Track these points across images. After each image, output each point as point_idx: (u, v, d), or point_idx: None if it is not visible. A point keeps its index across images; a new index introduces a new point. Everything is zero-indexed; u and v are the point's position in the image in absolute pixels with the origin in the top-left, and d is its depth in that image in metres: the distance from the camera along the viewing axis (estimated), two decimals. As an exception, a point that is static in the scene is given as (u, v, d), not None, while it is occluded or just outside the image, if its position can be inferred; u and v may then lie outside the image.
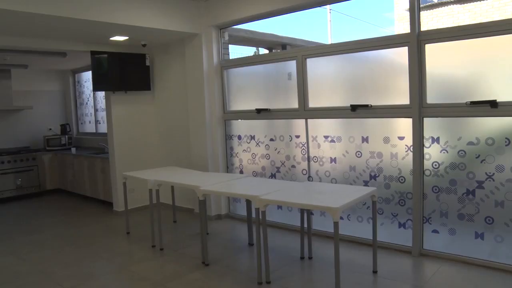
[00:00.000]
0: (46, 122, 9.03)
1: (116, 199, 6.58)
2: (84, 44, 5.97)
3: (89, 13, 4.63)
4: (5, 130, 8.43)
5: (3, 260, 4.73)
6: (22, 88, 8.62)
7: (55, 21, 4.63)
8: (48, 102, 9.12)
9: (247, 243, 4.83)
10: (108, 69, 6.20)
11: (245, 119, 5.71)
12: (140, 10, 5.07)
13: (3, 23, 4.61)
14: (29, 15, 4.30)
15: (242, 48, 6.47)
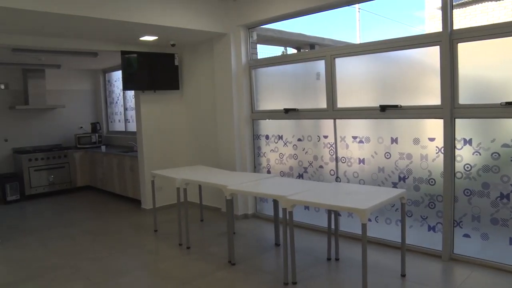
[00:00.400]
0: (78, 121, 9.23)
1: (144, 197, 6.67)
2: (114, 44, 6.07)
3: (119, 14, 4.70)
4: (39, 128, 8.66)
5: (35, 254, 4.86)
6: (55, 87, 8.84)
7: (87, 22, 4.72)
8: (80, 101, 9.32)
9: (273, 243, 4.82)
10: (137, 69, 6.29)
11: (273, 119, 5.69)
12: (169, 10, 5.12)
13: (39, 24, 4.74)
14: (63, 17, 4.40)
15: (269, 48, 6.44)
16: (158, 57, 6.47)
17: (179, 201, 4.88)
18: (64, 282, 4.00)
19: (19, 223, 6.29)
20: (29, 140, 8.53)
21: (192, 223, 5.52)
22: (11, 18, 4.43)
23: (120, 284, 3.94)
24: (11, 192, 7.66)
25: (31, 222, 6.34)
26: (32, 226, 6.10)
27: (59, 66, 8.29)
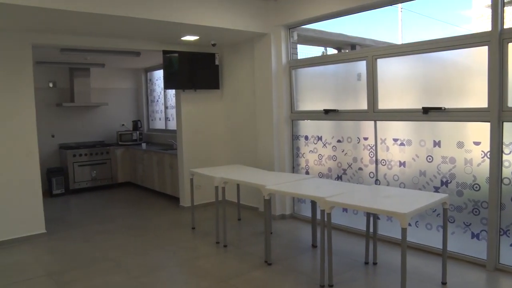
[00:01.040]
0: (120, 118, 9.47)
1: (182, 195, 6.76)
2: (156, 44, 6.18)
3: (162, 14, 4.79)
4: (83, 124, 8.94)
5: (78, 246, 5.03)
6: (99, 85, 9.10)
7: (131, 22, 4.84)
8: (122, 99, 9.56)
9: (310, 245, 4.79)
10: (178, 68, 6.38)
11: (312, 119, 5.66)
12: (211, 10, 5.17)
13: (85, 25, 4.89)
14: (108, 17, 4.53)
15: (308, 48, 6.40)
16: (199, 56, 6.55)
17: (217, 199, 4.92)
18: (105, 274, 4.12)
19: (63, 216, 6.52)
20: (74, 136, 8.82)
21: (229, 221, 5.56)
22: (60, 20, 4.60)
23: (157, 279, 4.01)
24: (57, 186, 7.94)
25: (75, 216, 6.56)
26: (76, 219, 6.31)
27: (103, 65, 8.53)
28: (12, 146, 5.15)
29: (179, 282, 3.99)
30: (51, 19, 4.56)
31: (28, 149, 5.16)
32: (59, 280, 4.02)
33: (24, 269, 4.36)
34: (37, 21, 4.64)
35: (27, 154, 5.16)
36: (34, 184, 5.32)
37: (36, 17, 4.41)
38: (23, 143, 5.22)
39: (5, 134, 5.09)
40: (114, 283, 3.91)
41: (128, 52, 6.79)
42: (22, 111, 5.19)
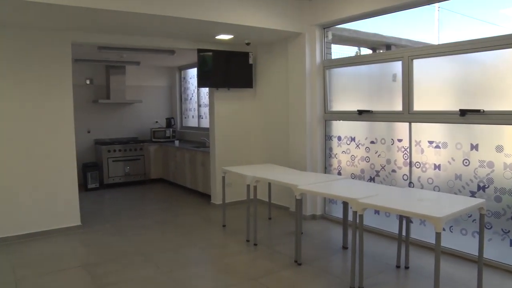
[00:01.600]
0: (153, 115, 9.63)
1: (214, 192, 6.81)
2: (191, 42, 6.25)
3: (197, 13, 4.83)
4: (118, 121, 9.14)
5: (112, 240, 5.14)
6: (134, 83, 9.28)
7: (166, 21, 4.90)
8: (156, 97, 9.71)
9: (341, 246, 4.75)
10: (212, 66, 6.43)
11: (345, 120, 5.61)
12: (246, 9, 5.19)
13: (122, 24, 4.99)
14: (144, 16, 4.61)
15: (341, 48, 6.33)
16: (233, 55, 6.59)
17: (249, 198, 4.94)
18: (136, 267, 4.20)
19: (97, 210, 6.68)
20: (109, 132, 9.03)
21: (260, 220, 5.57)
22: (98, 19, 4.72)
23: (187, 274, 4.06)
24: (92, 181, 8.14)
25: (108, 210, 6.70)
26: (109, 213, 6.46)
27: (139, 63, 8.69)
28: (52, 141, 5.31)
29: (209, 279, 4.03)
30: (90, 18, 4.68)
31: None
32: (93, 271, 4.13)
33: (61, 259, 4.50)
34: (76, 20, 4.77)
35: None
36: (71, 178, 5.48)
37: (76, 16, 4.53)
38: (62, 138, 5.37)
39: (46, 129, 5.26)
40: (145, 277, 3.98)
41: (163, 50, 6.89)
42: (61, 107, 5.35)
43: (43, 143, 5.26)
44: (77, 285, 3.87)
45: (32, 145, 5.19)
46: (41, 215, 5.26)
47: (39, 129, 5.23)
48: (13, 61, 5.04)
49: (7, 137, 5.04)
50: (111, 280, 3.91)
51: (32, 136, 5.19)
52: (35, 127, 5.20)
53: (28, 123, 5.16)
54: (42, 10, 4.22)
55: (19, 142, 5.12)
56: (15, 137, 5.09)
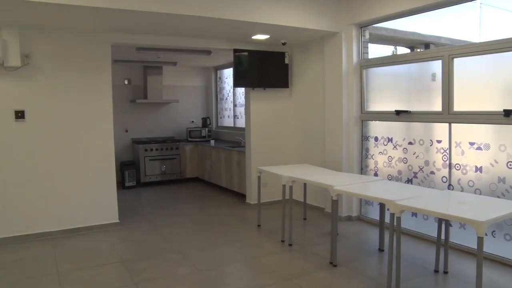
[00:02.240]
0: (189, 115, 9.75)
1: (249, 192, 6.84)
2: (227, 43, 6.29)
3: (234, 13, 4.87)
4: (155, 121, 9.31)
5: (148, 237, 5.24)
6: (171, 83, 9.42)
7: (203, 22, 4.96)
8: (192, 97, 9.83)
9: (377, 248, 4.68)
10: (248, 67, 6.46)
11: (383, 120, 5.52)
12: (282, 9, 5.18)
13: (160, 25, 5.07)
14: (181, 17, 4.68)
15: (376, 47, 6.22)
16: (268, 55, 6.59)
17: (284, 198, 4.94)
18: (173, 265, 4.26)
19: (135, 207, 6.81)
20: (146, 131, 9.20)
21: (295, 221, 5.55)
22: (137, 21, 4.82)
23: (223, 273, 4.09)
24: (129, 179, 8.32)
25: (145, 207, 6.83)
26: (146, 211, 6.58)
27: (175, 63, 8.82)
28: (92, 140, 5.46)
29: (244, 278, 4.04)
30: (129, 20, 4.79)
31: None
32: (131, 267, 4.22)
33: (100, 254, 4.63)
34: (116, 22, 4.90)
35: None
36: (110, 176, 5.62)
37: (115, 18, 4.65)
38: (102, 137, 5.52)
39: (87, 129, 5.42)
40: (182, 274, 4.03)
41: (199, 51, 6.97)
42: (101, 107, 5.49)
43: (84, 142, 5.42)
44: (116, 280, 3.96)
45: (73, 144, 5.36)
46: (81, 212, 5.43)
47: (81, 128, 5.39)
48: (57, 62, 5.22)
49: (50, 136, 5.23)
50: (148, 276, 3.98)
51: (73, 135, 5.35)
52: (76, 126, 5.37)
53: (70, 122, 5.33)
54: (84, 13, 4.35)
55: (61, 141, 5.29)
56: (58, 136, 5.27)
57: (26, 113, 5.09)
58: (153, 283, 3.85)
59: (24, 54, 5.00)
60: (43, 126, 5.19)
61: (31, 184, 5.16)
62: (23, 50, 4.98)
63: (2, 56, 4.72)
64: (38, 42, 5.10)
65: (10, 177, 5.06)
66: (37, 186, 5.19)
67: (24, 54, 5.00)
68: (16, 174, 5.08)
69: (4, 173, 5.03)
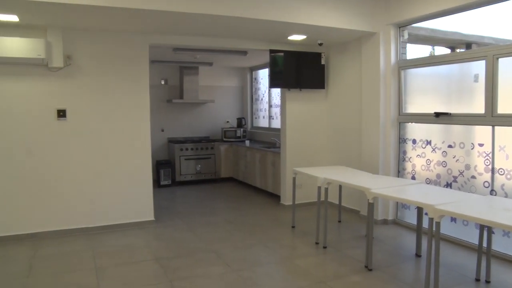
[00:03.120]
0: (225, 115, 9.81)
1: (284, 193, 6.81)
2: (263, 43, 6.29)
3: (271, 14, 4.86)
4: (190, 120, 9.41)
5: (183, 235, 5.30)
6: (207, 83, 9.51)
7: (240, 23, 4.98)
8: (227, 97, 9.88)
9: (414, 253, 4.57)
10: (284, 67, 6.43)
11: (421, 122, 5.38)
12: (319, 9, 5.14)
13: (197, 26, 5.12)
14: (218, 18, 4.72)
15: (413, 47, 6.06)
16: (305, 56, 6.55)
17: (319, 200, 4.89)
18: (207, 264, 4.29)
19: (169, 206, 6.90)
20: (182, 131, 9.32)
21: (329, 223, 5.48)
22: (175, 21, 4.89)
23: (257, 274, 4.08)
24: (164, 178, 8.44)
25: (180, 206, 6.91)
26: (180, 209, 6.66)
27: (211, 63, 8.88)
28: (130, 139, 5.57)
29: (278, 279, 4.02)
30: (167, 21, 4.87)
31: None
32: (166, 265, 4.27)
33: (136, 251, 4.71)
34: (154, 23, 4.98)
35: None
36: (146, 175, 5.71)
37: (154, 19, 4.73)
38: (139, 137, 5.62)
39: (124, 127, 5.53)
40: (216, 274, 4.05)
41: (235, 51, 6.99)
42: (139, 107, 5.59)
43: (122, 141, 5.53)
44: (151, 277, 4.01)
45: (112, 143, 5.48)
46: (119, 209, 5.55)
47: (119, 127, 5.51)
48: (97, 62, 5.36)
49: (89, 135, 5.36)
50: (182, 275, 4.02)
51: (112, 134, 5.48)
52: (115, 125, 5.49)
53: (109, 121, 5.46)
54: (124, 14, 4.44)
55: (100, 140, 5.43)
56: (97, 135, 5.40)
57: (67, 112, 5.25)
58: (187, 281, 3.88)
59: (67, 55, 5.16)
60: (83, 125, 5.33)
61: (71, 181, 5.32)
62: (66, 51, 5.15)
63: (47, 57, 4.88)
64: (79, 43, 5.25)
65: (52, 174, 5.23)
66: (76, 183, 5.34)
67: (67, 55, 5.16)
68: (57, 171, 5.25)
69: (47, 170, 5.20)
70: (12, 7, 4.11)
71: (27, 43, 4.75)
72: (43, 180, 5.20)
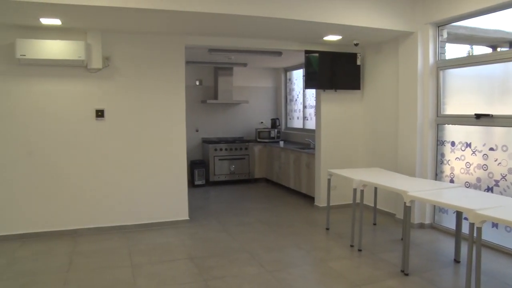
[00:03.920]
0: (259, 116, 9.82)
1: (318, 194, 6.77)
2: (298, 44, 6.26)
3: (307, 14, 4.83)
4: (225, 121, 9.47)
5: (218, 235, 5.34)
6: (241, 84, 9.54)
7: (275, 23, 4.97)
8: (262, 98, 9.89)
9: (452, 259, 4.44)
10: (319, 68, 6.39)
11: (461, 124, 5.23)
12: (355, 9, 5.08)
13: (232, 26, 5.15)
14: (253, 19, 4.73)
15: (450, 47, 5.88)
16: (340, 56, 6.48)
17: (355, 202, 4.82)
18: (241, 264, 4.30)
19: (203, 205, 6.97)
20: (216, 131, 9.39)
21: (364, 225, 5.40)
22: (210, 23, 4.93)
23: (291, 275, 4.06)
24: (198, 177, 8.53)
25: (214, 206, 6.97)
26: (214, 209, 6.71)
27: (246, 64, 8.91)
28: (166, 140, 5.65)
29: (312, 281, 3.99)
30: (204, 23, 4.91)
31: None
32: (200, 264, 4.31)
33: (171, 250, 4.78)
34: (191, 25, 5.03)
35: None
36: (181, 175, 5.79)
37: (190, 20, 4.79)
38: (175, 137, 5.70)
39: (160, 128, 5.62)
40: (250, 274, 4.06)
41: (270, 52, 6.98)
42: (174, 107, 5.67)
43: (158, 141, 5.63)
44: (186, 276, 4.06)
45: (148, 142, 5.59)
46: (154, 208, 5.65)
47: (155, 127, 5.61)
48: (134, 64, 5.48)
49: (127, 135, 5.48)
50: (217, 274, 4.05)
51: (149, 134, 5.58)
52: (151, 125, 5.59)
53: (146, 121, 5.56)
54: (161, 16, 4.51)
55: (137, 139, 5.54)
56: (134, 134, 5.52)
57: (105, 112, 5.37)
58: (222, 281, 3.91)
59: (105, 56, 5.29)
60: (121, 124, 5.45)
61: (108, 180, 5.45)
62: (104, 53, 5.28)
63: (86, 58, 5.01)
64: (117, 45, 5.38)
65: (90, 173, 5.38)
66: (113, 182, 5.47)
67: (105, 57, 5.29)
68: (95, 170, 5.39)
69: (85, 169, 5.35)
70: (56, 11, 4.25)
71: (69, 45, 4.91)
72: (82, 179, 5.35)
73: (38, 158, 5.17)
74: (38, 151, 5.17)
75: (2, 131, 5.04)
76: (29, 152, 5.13)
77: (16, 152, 5.10)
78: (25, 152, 5.12)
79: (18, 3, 3.90)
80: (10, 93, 5.04)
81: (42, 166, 5.20)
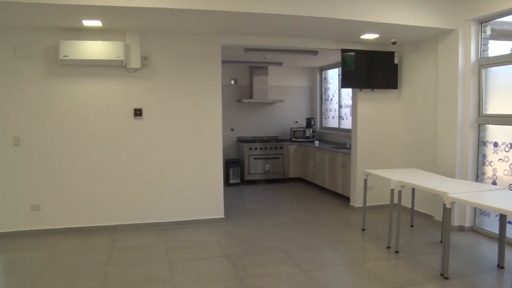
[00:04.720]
0: (294, 115, 9.80)
1: (354, 195, 6.69)
2: (335, 43, 6.21)
3: (344, 13, 4.78)
4: (260, 120, 9.50)
5: (253, 234, 5.36)
6: (276, 83, 9.54)
7: (312, 22, 4.94)
8: (297, 97, 9.86)
9: (495, 264, 4.30)
10: (356, 67, 6.31)
11: (504, 124, 5.06)
12: (393, 7, 4.99)
13: (268, 26, 5.15)
14: (289, 18, 4.72)
15: (495, 44, 5.67)
16: (377, 55, 6.39)
17: (392, 203, 4.75)
18: (277, 263, 4.31)
19: (238, 204, 7.01)
20: (251, 130, 9.42)
21: (401, 227, 5.31)
22: (246, 22, 4.95)
23: (326, 275, 4.04)
24: (233, 176, 8.59)
25: (248, 205, 7.00)
26: (249, 208, 6.74)
27: (281, 63, 8.91)
28: (202, 138, 5.72)
29: (348, 282, 3.95)
30: (239, 22, 4.93)
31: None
32: (236, 263, 4.34)
33: (207, 248, 4.84)
34: (227, 24, 5.07)
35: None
36: (217, 174, 5.84)
37: (227, 20, 4.82)
38: (211, 136, 5.76)
39: (197, 126, 5.70)
40: (286, 273, 4.06)
41: (306, 51, 6.95)
42: (211, 106, 5.73)
43: (194, 140, 5.70)
44: (223, 273, 4.10)
45: (185, 141, 5.67)
46: (191, 206, 5.73)
47: (192, 126, 5.68)
48: (171, 63, 5.57)
49: (164, 134, 5.58)
50: (253, 273, 4.07)
51: (185, 132, 5.66)
52: (188, 124, 5.67)
53: (183, 120, 5.65)
54: (198, 16, 4.57)
55: (174, 138, 5.63)
56: (171, 133, 5.61)
57: (143, 111, 5.48)
58: (258, 279, 3.92)
59: (143, 56, 5.40)
60: (158, 123, 5.54)
61: (146, 178, 5.57)
62: (143, 53, 5.39)
63: (125, 59, 5.13)
64: (155, 45, 5.48)
65: (128, 171, 5.51)
66: (150, 180, 5.58)
67: (143, 57, 5.40)
68: (133, 168, 5.52)
69: (123, 166, 5.48)
70: (97, 13, 4.37)
71: (109, 46, 5.03)
72: (120, 176, 5.48)
73: (80, 156, 5.34)
74: (81, 149, 5.33)
75: (47, 129, 5.22)
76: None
77: (63, 150, 5.29)
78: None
79: (62, 6, 4.03)
80: (57, 93, 5.23)
81: (83, 164, 5.36)
